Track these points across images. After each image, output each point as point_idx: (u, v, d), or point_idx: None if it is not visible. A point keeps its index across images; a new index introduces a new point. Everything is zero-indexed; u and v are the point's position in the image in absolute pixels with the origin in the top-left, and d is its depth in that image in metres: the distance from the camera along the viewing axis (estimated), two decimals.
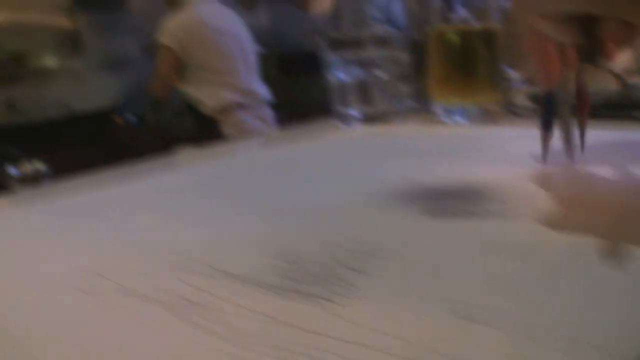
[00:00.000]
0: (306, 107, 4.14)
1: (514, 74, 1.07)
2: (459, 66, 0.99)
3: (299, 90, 4.35)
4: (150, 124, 3.35)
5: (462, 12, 0.99)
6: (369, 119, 1.10)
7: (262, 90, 3.20)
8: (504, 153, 0.73)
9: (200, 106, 3.03)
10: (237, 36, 3.17)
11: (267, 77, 3.31)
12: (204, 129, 3.05)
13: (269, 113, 3.17)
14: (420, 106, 1.14)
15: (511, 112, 1.03)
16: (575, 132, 0.60)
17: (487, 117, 1.00)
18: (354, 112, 1.10)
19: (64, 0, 3.86)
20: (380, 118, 1.10)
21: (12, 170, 2.70)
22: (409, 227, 0.46)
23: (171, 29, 3.02)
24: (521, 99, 1.05)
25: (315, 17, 5.45)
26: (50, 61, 3.78)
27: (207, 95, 3.02)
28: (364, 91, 1.09)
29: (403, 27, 1.19)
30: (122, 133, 3.51)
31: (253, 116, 3.06)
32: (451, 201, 0.52)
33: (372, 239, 0.43)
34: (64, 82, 3.84)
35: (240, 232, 0.49)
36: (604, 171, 0.57)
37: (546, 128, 0.61)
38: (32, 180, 2.64)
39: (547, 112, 0.61)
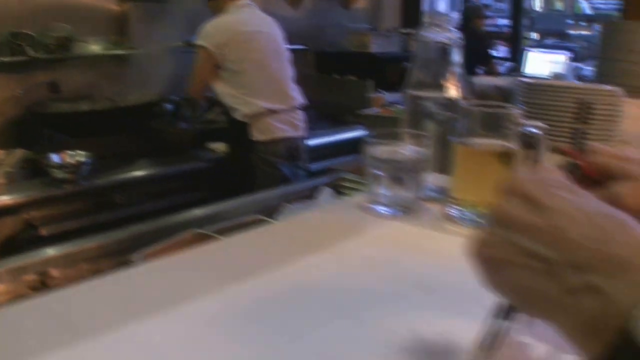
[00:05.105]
0: (340, 108, 4.23)
1: None
2: (478, 177, 1.15)
3: (334, 90, 4.40)
4: (184, 119, 3.45)
5: None
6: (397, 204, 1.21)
7: (296, 95, 3.28)
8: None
9: (233, 111, 3.13)
10: (274, 42, 3.26)
11: (304, 76, 3.38)
12: (234, 132, 3.15)
13: (300, 118, 3.25)
14: (442, 197, 1.27)
15: None
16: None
17: None
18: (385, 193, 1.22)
19: None
20: (407, 206, 1.21)
21: (54, 158, 2.84)
22: None
23: (209, 32, 3.14)
24: None
25: (356, 15, 5.51)
26: (95, 47, 3.86)
27: (240, 102, 3.12)
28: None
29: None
30: (160, 123, 3.59)
31: (283, 121, 3.14)
32: None
33: None
34: (109, 69, 3.93)
35: None
36: None
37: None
38: (72, 167, 2.77)
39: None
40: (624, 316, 0.41)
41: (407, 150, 1.21)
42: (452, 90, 1.28)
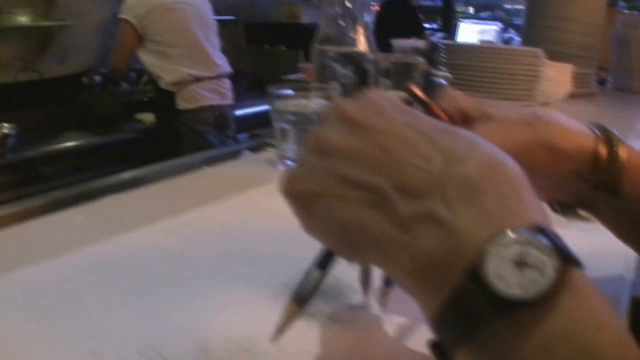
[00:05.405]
0: (271, 79, 4.23)
1: None
2: None
3: (265, 61, 4.40)
4: (112, 91, 3.44)
5: None
6: None
7: (222, 63, 3.28)
8: None
9: (158, 80, 3.13)
10: (198, 10, 3.24)
11: (234, 47, 3.38)
12: (160, 101, 3.15)
13: (226, 86, 3.25)
14: None
15: None
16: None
17: None
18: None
19: None
20: None
21: None
22: None
23: (130, 4, 3.12)
24: None
25: None
26: (23, 18, 3.80)
27: (164, 70, 3.12)
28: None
29: None
30: (88, 95, 3.57)
31: (209, 89, 3.15)
32: None
33: None
34: (37, 41, 3.87)
35: None
36: None
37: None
38: None
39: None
40: (472, 253, 0.33)
41: (313, 103, 1.22)
42: (360, 44, 1.29)
